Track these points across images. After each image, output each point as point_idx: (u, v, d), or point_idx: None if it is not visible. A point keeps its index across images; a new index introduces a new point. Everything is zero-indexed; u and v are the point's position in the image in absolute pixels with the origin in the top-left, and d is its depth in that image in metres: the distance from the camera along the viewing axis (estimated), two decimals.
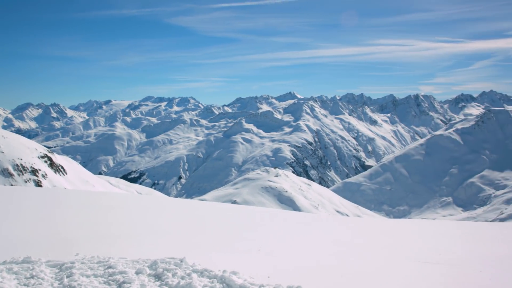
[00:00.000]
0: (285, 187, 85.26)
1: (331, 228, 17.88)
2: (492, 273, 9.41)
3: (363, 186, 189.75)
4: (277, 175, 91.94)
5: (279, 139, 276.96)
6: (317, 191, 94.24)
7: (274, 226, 17.24)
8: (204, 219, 17.73)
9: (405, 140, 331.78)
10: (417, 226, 21.07)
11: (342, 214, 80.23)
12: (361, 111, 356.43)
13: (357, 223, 22.21)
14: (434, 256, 11.45)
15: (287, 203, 79.03)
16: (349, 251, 12.04)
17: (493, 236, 16.15)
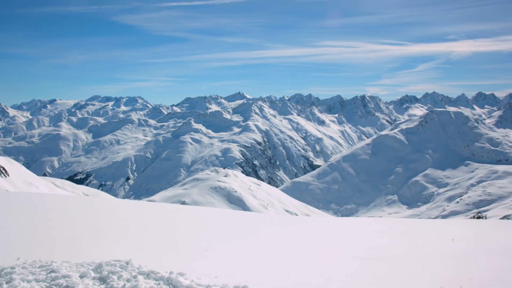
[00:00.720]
0: (234, 187, 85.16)
1: (280, 228, 17.96)
2: (433, 268, 9.64)
3: (312, 186, 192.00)
4: (227, 175, 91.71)
5: (228, 139, 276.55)
6: (266, 190, 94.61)
7: (222, 226, 17.18)
8: (152, 220, 17.47)
9: (352, 140, 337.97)
10: (363, 224, 21.45)
11: (291, 214, 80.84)
12: (309, 111, 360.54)
13: (305, 222, 22.42)
14: (379, 253, 11.65)
15: (237, 203, 78.93)
16: (296, 249, 12.10)
17: (435, 233, 16.62)
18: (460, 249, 12.48)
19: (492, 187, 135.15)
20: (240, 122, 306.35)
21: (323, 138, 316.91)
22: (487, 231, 16.95)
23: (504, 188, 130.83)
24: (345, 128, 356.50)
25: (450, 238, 14.25)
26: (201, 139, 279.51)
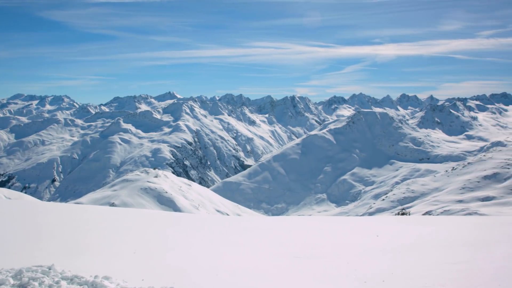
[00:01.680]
0: (165, 188, 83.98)
1: (210, 228, 17.76)
2: (358, 264, 9.80)
3: (243, 185, 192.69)
4: (157, 175, 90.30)
5: (158, 139, 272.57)
6: (197, 191, 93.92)
7: (151, 227, 16.79)
8: (78, 223, 16.81)
9: (282, 140, 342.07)
10: (293, 223, 21.60)
11: (222, 214, 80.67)
12: (240, 111, 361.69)
13: (236, 221, 22.33)
14: (308, 250, 11.75)
15: (167, 204, 77.87)
16: (226, 249, 12.01)
17: (361, 229, 16.97)
18: (384, 244, 12.78)
19: (415, 185, 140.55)
20: (171, 122, 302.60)
21: (254, 138, 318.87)
22: (410, 227, 17.52)
23: (426, 185, 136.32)
24: (275, 128, 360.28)
25: (375, 234, 14.57)
26: (131, 139, 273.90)
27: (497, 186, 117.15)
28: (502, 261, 9.60)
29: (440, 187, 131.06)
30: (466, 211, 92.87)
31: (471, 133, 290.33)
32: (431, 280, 8.08)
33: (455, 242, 12.89)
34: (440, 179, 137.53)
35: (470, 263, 9.57)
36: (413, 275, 8.59)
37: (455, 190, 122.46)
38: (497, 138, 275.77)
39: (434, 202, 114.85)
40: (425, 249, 11.76)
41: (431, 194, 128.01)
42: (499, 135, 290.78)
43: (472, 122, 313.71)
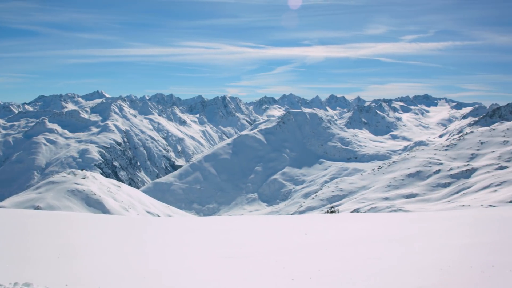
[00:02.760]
0: (93, 189, 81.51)
1: (139, 230, 17.35)
2: (286, 261, 9.83)
3: (174, 186, 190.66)
4: (85, 177, 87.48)
5: (86, 139, 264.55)
6: (127, 192, 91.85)
7: (78, 231, 16.15)
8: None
9: (213, 140, 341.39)
10: (223, 223, 21.50)
11: (153, 215, 79.34)
12: (170, 111, 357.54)
13: (166, 223, 21.95)
14: (236, 250, 11.69)
15: (96, 206, 75.61)
16: (155, 251, 11.76)
17: (291, 228, 17.11)
18: (312, 242, 12.93)
19: (344, 183, 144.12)
20: (99, 122, 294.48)
21: (185, 138, 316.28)
22: (338, 224, 17.84)
23: (354, 184, 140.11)
24: (206, 128, 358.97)
25: (304, 233, 14.71)
26: (57, 139, 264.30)
27: (420, 184, 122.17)
28: (420, 255, 9.94)
29: (367, 185, 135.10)
30: (391, 208, 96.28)
31: (395, 133, 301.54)
32: (356, 275, 8.24)
33: (380, 238, 13.24)
34: (367, 178, 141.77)
35: (392, 258, 9.89)
36: (339, 271, 8.73)
37: (381, 188, 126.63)
38: (420, 137, 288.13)
39: (361, 200, 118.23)
40: (352, 245, 11.99)
41: (358, 192, 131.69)
42: (422, 135, 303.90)
43: (397, 123, 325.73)
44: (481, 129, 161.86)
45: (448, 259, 9.22)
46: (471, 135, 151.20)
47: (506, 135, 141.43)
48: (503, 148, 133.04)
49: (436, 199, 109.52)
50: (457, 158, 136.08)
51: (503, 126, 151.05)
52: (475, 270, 8.08)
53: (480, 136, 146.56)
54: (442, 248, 10.72)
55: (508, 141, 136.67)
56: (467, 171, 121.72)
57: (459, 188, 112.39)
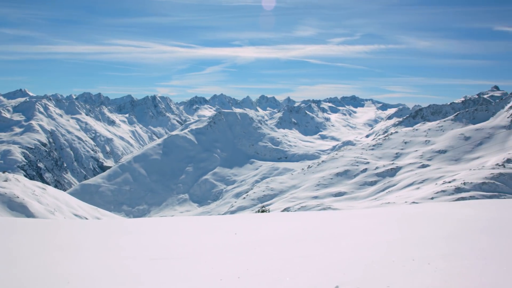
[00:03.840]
0: (16, 192, 78.05)
1: (65, 234, 16.71)
2: (215, 262, 9.86)
3: (102, 188, 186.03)
4: (7, 179, 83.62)
5: (8, 140, 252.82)
6: (52, 195, 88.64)
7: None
8: None
9: (143, 140, 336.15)
10: (153, 224, 21.17)
11: (80, 218, 77.02)
12: (98, 111, 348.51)
13: (94, 225, 21.31)
14: (165, 251, 11.60)
15: (19, 210, 72.46)
16: (81, 255, 11.42)
17: (221, 228, 17.08)
18: (242, 241, 13.01)
19: (274, 183, 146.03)
20: (22, 121, 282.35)
21: (114, 138, 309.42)
22: (268, 223, 17.97)
23: (284, 183, 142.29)
24: (136, 129, 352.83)
25: (234, 232, 14.76)
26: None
27: (348, 182, 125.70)
28: (347, 252, 10.23)
29: (297, 184, 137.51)
30: (321, 206, 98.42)
31: (324, 133, 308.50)
32: (283, 273, 8.35)
33: (309, 236, 13.49)
34: (297, 177, 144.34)
35: (320, 255, 10.10)
36: (267, 270, 8.81)
37: (310, 187, 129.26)
38: (348, 137, 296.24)
39: (292, 199, 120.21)
40: (281, 244, 12.15)
41: (289, 191, 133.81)
42: (349, 135, 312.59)
43: (326, 123, 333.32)
44: (405, 129, 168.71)
45: (372, 255, 9.53)
46: (396, 135, 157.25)
47: (427, 135, 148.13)
48: (425, 147, 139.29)
49: (363, 197, 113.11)
50: (382, 157, 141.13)
51: (425, 127, 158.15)
52: (397, 264, 8.40)
53: (404, 136, 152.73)
54: (367, 244, 11.07)
55: (429, 141, 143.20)
56: (392, 169, 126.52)
57: (384, 186, 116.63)
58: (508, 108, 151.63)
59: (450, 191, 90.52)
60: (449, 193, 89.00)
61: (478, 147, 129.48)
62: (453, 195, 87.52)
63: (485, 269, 7.92)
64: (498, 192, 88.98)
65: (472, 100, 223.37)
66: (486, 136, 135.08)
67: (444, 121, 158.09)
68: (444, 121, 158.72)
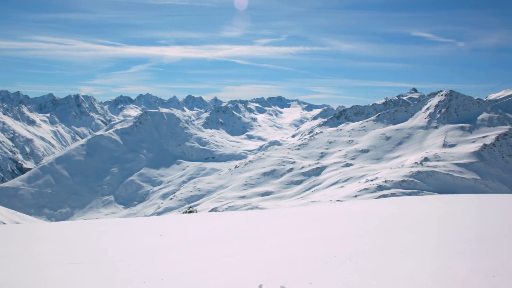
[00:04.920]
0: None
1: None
2: (138, 264, 9.81)
3: (22, 191, 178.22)
4: None
5: None
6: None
7: None
8: None
9: (65, 141, 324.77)
10: (75, 227, 20.62)
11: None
12: (17, 110, 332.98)
13: (11, 230, 20.47)
14: (87, 255, 11.38)
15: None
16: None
17: (146, 229, 16.90)
18: (167, 243, 12.97)
19: (202, 183, 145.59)
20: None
21: (34, 139, 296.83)
22: (195, 224, 18.00)
23: (212, 183, 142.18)
24: (58, 129, 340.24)
25: (159, 234, 14.71)
26: None
27: (274, 182, 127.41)
28: (272, 251, 10.48)
29: (224, 184, 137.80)
30: (248, 206, 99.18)
31: (251, 133, 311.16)
32: (209, 274, 8.45)
33: (235, 235, 13.65)
34: (224, 177, 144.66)
35: (246, 255, 10.26)
36: (192, 271, 8.87)
37: (238, 187, 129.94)
38: (274, 137, 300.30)
39: (219, 199, 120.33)
40: (207, 244, 12.21)
41: (216, 191, 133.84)
42: (276, 135, 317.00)
43: (253, 123, 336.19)
44: (329, 129, 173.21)
45: (296, 253, 9.82)
46: (321, 135, 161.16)
47: (351, 135, 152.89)
48: (348, 147, 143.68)
49: (290, 196, 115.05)
50: (308, 156, 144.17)
51: (348, 127, 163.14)
52: (319, 261, 8.72)
53: (329, 136, 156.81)
54: (292, 242, 11.37)
55: (353, 141, 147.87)
56: (317, 169, 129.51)
57: (310, 185, 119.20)
58: (425, 109, 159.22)
59: (373, 189, 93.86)
60: (372, 191, 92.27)
61: (398, 146, 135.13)
62: (375, 192, 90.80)
63: (402, 263, 8.37)
64: (416, 189, 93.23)
65: (393, 101, 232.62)
66: (405, 136, 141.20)
67: (366, 122, 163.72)
68: (366, 121, 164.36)
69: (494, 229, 11.90)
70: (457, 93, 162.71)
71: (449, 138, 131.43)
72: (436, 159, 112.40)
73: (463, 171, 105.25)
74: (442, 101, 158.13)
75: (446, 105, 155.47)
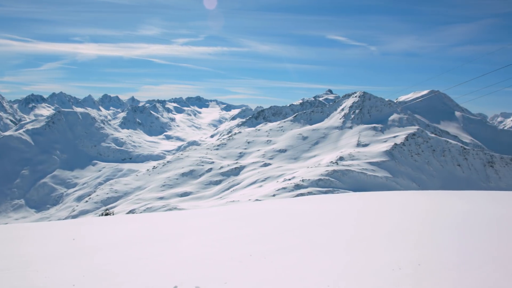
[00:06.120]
0: None
1: None
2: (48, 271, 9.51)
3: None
4: None
5: None
6: None
7: None
8: None
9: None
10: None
11: None
12: None
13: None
14: None
15: None
16: None
17: (57, 234, 16.40)
18: (80, 247, 12.65)
19: (119, 185, 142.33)
20: None
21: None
22: (110, 227, 17.72)
23: (129, 184, 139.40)
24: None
25: (72, 238, 14.41)
26: None
27: (193, 182, 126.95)
28: (188, 251, 10.58)
29: (142, 185, 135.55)
30: (167, 207, 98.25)
31: (170, 133, 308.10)
32: (122, 277, 8.39)
33: (151, 237, 13.51)
34: (142, 178, 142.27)
35: (161, 256, 10.18)
36: (106, 274, 8.73)
37: (156, 188, 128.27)
38: (193, 138, 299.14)
39: (137, 201, 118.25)
40: (123, 247, 12.02)
41: (134, 193, 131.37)
42: (194, 135, 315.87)
43: (171, 123, 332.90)
44: (248, 129, 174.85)
45: (213, 253, 9.92)
46: (239, 135, 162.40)
47: (269, 135, 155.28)
48: (266, 147, 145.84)
49: (209, 196, 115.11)
50: (227, 157, 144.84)
51: (266, 127, 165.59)
52: (235, 260, 8.93)
53: (247, 136, 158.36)
54: (209, 242, 11.47)
55: (271, 141, 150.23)
56: (236, 168, 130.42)
57: (229, 185, 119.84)
58: (340, 110, 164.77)
59: (290, 188, 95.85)
60: (289, 190, 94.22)
61: (315, 146, 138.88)
62: (293, 191, 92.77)
63: (316, 259, 8.73)
64: (332, 188, 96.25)
65: (309, 102, 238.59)
66: (321, 136, 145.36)
67: (284, 122, 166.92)
68: (284, 122, 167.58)
69: (402, 225, 12.63)
70: (370, 94, 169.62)
71: (363, 138, 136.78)
72: (351, 158, 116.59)
73: (376, 169, 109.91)
74: (356, 102, 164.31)
75: (360, 106, 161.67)
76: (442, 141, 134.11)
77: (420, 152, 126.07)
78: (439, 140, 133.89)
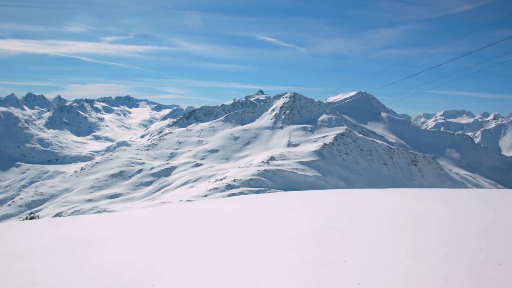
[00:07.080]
0: None
1: None
2: None
3: None
4: None
5: None
6: None
7: None
8: None
9: None
10: None
11: None
12: None
13: None
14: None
15: None
16: None
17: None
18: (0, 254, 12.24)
19: (44, 187, 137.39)
20: None
21: None
22: (34, 231, 17.09)
23: (56, 187, 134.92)
24: None
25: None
26: None
27: (123, 183, 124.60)
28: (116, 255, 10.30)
29: (69, 187, 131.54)
30: (95, 209, 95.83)
31: (98, 134, 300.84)
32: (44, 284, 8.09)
33: (77, 241, 13.14)
34: (70, 180, 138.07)
35: (89, 261, 9.93)
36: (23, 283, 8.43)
37: (84, 189, 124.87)
38: (123, 138, 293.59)
39: (64, 203, 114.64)
40: (45, 253, 11.59)
41: (61, 195, 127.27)
42: (124, 136, 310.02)
43: (100, 123, 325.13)
44: (179, 129, 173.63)
45: (141, 255, 9.84)
46: (170, 135, 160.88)
47: (200, 135, 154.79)
48: (198, 147, 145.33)
49: (140, 197, 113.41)
50: (158, 157, 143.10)
51: (198, 127, 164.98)
52: (163, 262, 8.91)
53: (178, 136, 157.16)
54: (137, 245, 11.32)
55: (202, 141, 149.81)
56: (167, 169, 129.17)
57: (160, 186, 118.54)
58: (271, 111, 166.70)
59: (222, 188, 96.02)
60: (221, 190, 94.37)
61: (246, 146, 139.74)
62: (224, 191, 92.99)
63: (244, 259, 8.86)
64: (263, 187, 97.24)
65: (241, 102, 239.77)
66: (252, 136, 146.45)
67: (215, 122, 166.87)
68: (215, 122, 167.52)
69: (330, 223, 12.96)
70: (300, 95, 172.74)
71: (293, 138, 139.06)
72: (282, 158, 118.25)
73: (306, 169, 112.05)
74: (287, 103, 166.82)
75: (290, 106, 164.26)
76: (369, 141, 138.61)
77: (348, 151, 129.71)
78: (366, 140, 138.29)
